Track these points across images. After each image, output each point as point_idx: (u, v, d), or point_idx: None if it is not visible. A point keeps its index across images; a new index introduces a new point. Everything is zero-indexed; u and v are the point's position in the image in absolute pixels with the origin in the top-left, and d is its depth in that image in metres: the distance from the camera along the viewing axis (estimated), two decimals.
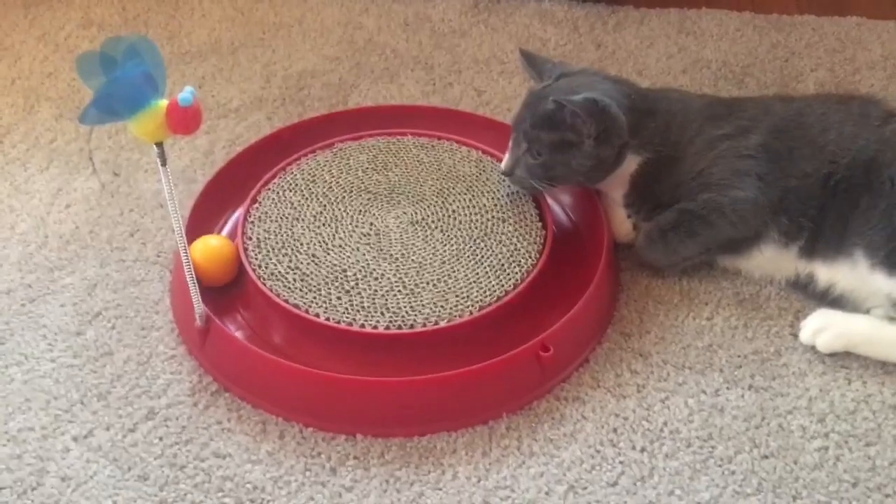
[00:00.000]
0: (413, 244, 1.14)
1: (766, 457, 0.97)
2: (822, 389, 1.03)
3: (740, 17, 1.60)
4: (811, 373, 1.04)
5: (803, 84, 1.45)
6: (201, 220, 1.16)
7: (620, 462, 0.96)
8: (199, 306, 1.02)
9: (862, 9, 1.61)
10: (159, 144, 0.89)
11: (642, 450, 0.97)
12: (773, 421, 1.00)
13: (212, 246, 1.10)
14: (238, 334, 1.06)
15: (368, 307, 1.06)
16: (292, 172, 1.22)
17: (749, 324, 1.10)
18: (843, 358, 1.06)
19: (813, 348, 1.06)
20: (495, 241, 1.13)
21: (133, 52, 0.85)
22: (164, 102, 0.86)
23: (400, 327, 1.04)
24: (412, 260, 1.11)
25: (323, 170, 1.22)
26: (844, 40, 1.54)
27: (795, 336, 1.08)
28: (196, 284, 1.01)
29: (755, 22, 1.59)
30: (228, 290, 1.12)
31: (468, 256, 1.12)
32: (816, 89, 1.44)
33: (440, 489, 0.94)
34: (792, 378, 1.04)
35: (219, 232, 1.19)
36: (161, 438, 0.98)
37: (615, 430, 0.99)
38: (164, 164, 0.91)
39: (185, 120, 0.86)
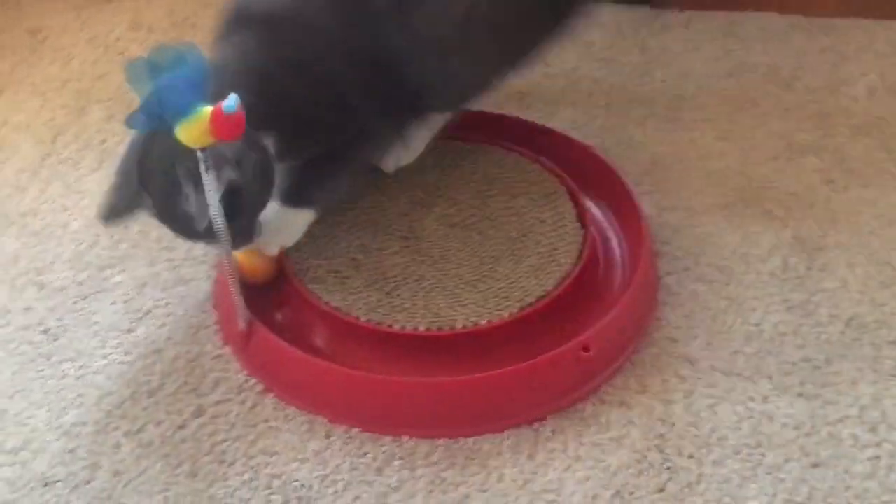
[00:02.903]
0: (452, 246, 1.14)
1: (817, 465, 0.95)
2: (874, 398, 1.01)
3: (787, 21, 1.58)
4: (863, 381, 1.03)
5: (853, 88, 1.43)
6: None
7: (668, 468, 0.96)
8: (242, 310, 1.03)
9: None
10: (203, 150, 0.91)
11: (690, 456, 0.97)
12: (824, 429, 0.98)
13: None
14: (279, 336, 1.06)
15: (409, 308, 1.07)
16: None
17: (798, 331, 1.08)
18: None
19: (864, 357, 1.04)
20: (534, 241, 1.13)
21: (180, 59, 0.86)
22: (208, 109, 0.87)
23: (441, 328, 1.05)
24: (451, 261, 1.12)
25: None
26: None
27: (847, 344, 1.06)
28: (239, 290, 1.02)
29: (803, 25, 1.57)
30: (269, 291, 1.13)
31: (507, 257, 1.12)
32: (867, 95, 1.42)
33: (486, 491, 0.95)
34: (843, 386, 1.03)
35: None
36: (210, 435, 1.00)
37: (662, 436, 0.99)
38: (207, 169, 0.92)
39: (228, 126, 0.88)
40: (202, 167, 0.91)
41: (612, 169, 1.22)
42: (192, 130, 0.88)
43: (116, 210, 1.00)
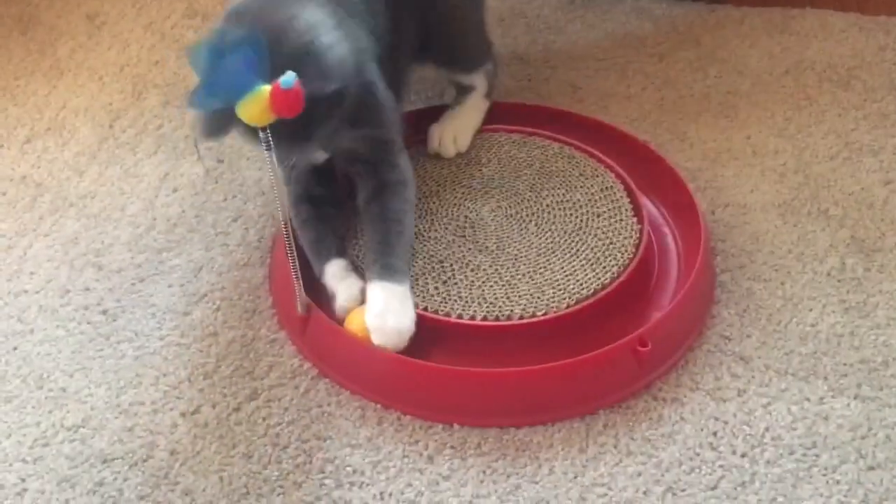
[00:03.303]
0: (508, 237, 1.14)
1: (873, 468, 0.94)
2: None
3: (845, 18, 1.56)
4: None
5: None
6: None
7: (720, 466, 0.95)
8: (301, 295, 1.04)
9: None
10: (264, 129, 0.92)
11: (743, 455, 0.96)
12: (881, 432, 0.97)
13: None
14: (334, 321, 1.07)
15: (465, 297, 1.07)
16: None
17: (856, 332, 1.07)
18: None
19: None
20: (590, 234, 1.13)
21: (239, 41, 0.88)
22: (267, 87, 0.88)
23: (497, 318, 1.05)
24: (508, 252, 1.12)
25: (416, 163, 1.24)
26: None
27: None
28: (299, 274, 1.03)
29: (861, 23, 1.55)
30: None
31: (563, 249, 1.12)
32: None
33: (536, 483, 0.95)
34: None
35: None
36: (264, 419, 1.01)
37: (715, 434, 0.98)
38: (269, 148, 0.93)
39: (287, 102, 0.88)
40: (264, 146, 0.93)
41: (669, 165, 1.22)
42: (253, 108, 0.89)
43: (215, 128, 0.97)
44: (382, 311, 1.02)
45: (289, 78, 0.87)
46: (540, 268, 1.09)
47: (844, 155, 1.30)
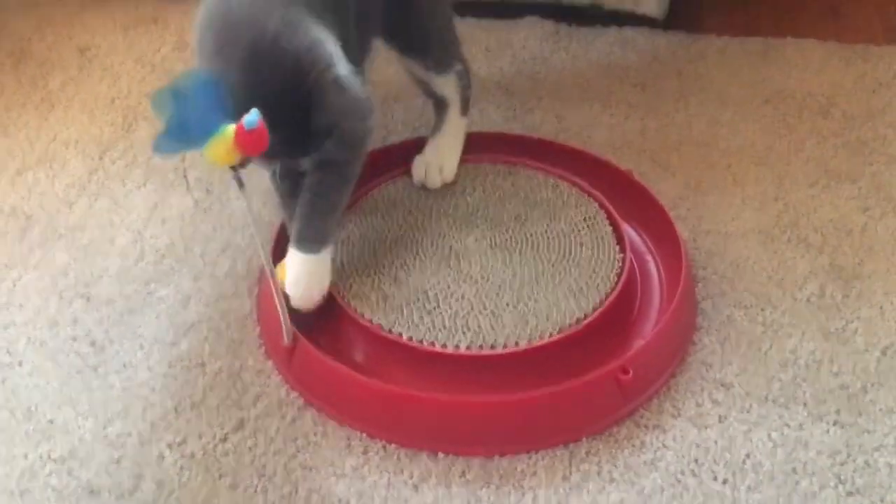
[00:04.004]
0: (492, 266, 1.16)
1: (852, 494, 0.96)
2: None
3: (825, 47, 1.59)
4: None
5: (891, 116, 1.44)
6: (287, 241, 1.20)
7: (703, 493, 0.96)
8: (286, 325, 1.06)
9: None
10: (234, 168, 0.93)
11: (724, 481, 0.97)
12: (860, 458, 0.99)
13: None
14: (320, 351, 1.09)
15: (450, 327, 1.09)
16: (373, 196, 1.25)
17: (835, 358, 1.09)
18: None
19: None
20: (574, 264, 1.15)
21: (200, 83, 0.89)
22: (231, 126, 0.90)
23: (481, 347, 1.06)
24: (492, 282, 1.14)
25: (402, 194, 1.26)
26: None
27: (883, 372, 1.07)
28: (284, 304, 1.04)
29: (840, 52, 1.58)
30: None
31: (547, 279, 1.13)
32: None
33: None
34: (879, 415, 1.03)
35: None
36: (251, 449, 1.02)
37: (696, 461, 0.99)
38: (241, 186, 0.95)
39: (252, 140, 0.90)
40: (236, 185, 0.94)
41: (650, 193, 1.24)
42: (219, 149, 0.90)
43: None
44: (296, 279, 1.08)
45: (252, 116, 0.88)
46: (524, 297, 1.11)
47: (823, 182, 1.33)
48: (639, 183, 1.26)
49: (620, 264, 1.14)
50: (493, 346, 1.06)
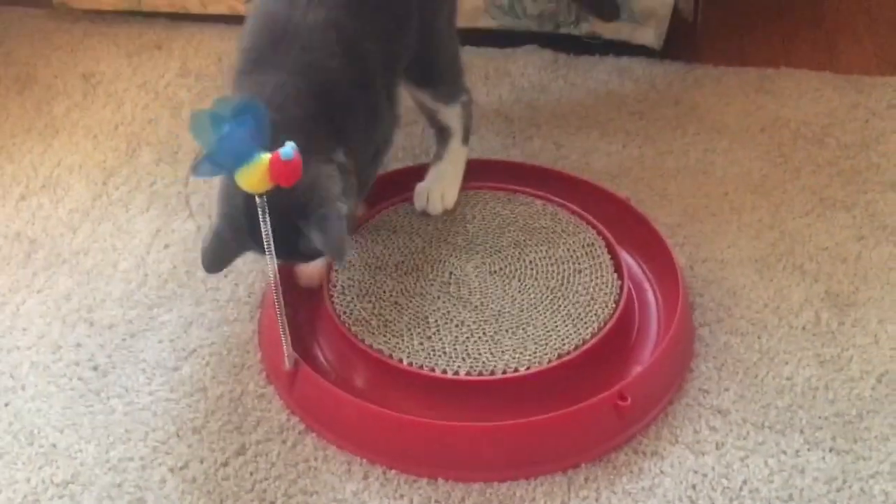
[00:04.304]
0: (492, 293, 1.17)
1: None
2: None
3: (819, 77, 1.61)
4: (894, 437, 1.04)
5: (884, 145, 1.46)
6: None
7: None
8: (289, 351, 1.07)
9: None
10: (261, 195, 0.95)
11: None
12: (856, 485, 0.99)
13: None
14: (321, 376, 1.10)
15: (450, 353, 1.10)
16: (375, 222, 1.27)
17: (830, 385, 1.10)
18: None
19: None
20: (572, 291, 1.16)
21: (240, 110, 0.91)
22: (267, 156, 0.92)
23: (480, 373, 1.08)
24: (491, 308, 1.15)
25: (404, 220, 1.27)
26: None
27: (878, 399, 1.08)
28: (287, 329, 1.05)
29: (835, 82, 1.60)
30: (312, 331, 1.16)
31: (546, 305, 1.15)
32: None
33: None
34: (874, 442, 1.04)
35: None
36: (252, 473, 1.02)
37: (694, 487, 1.00)
38: (264, 212, 0.96)
39: (286, 172, 0.92)
40: (260, 212, 0.96)
41: (648, 221, 1.26)
42: (252, 177, 0.92)
43: (222, 259, 1.08)
44: None
45: (288, 149, 0.90)
46: (523, 323, 1.12)
47: (818, 211, 1.34)
48: (636, 210, 1.28)
49: (618, 291, 1.15)
50: (492, 372, 1.07)
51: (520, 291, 1.16)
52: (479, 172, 1.34)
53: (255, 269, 1.28)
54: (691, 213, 1.35)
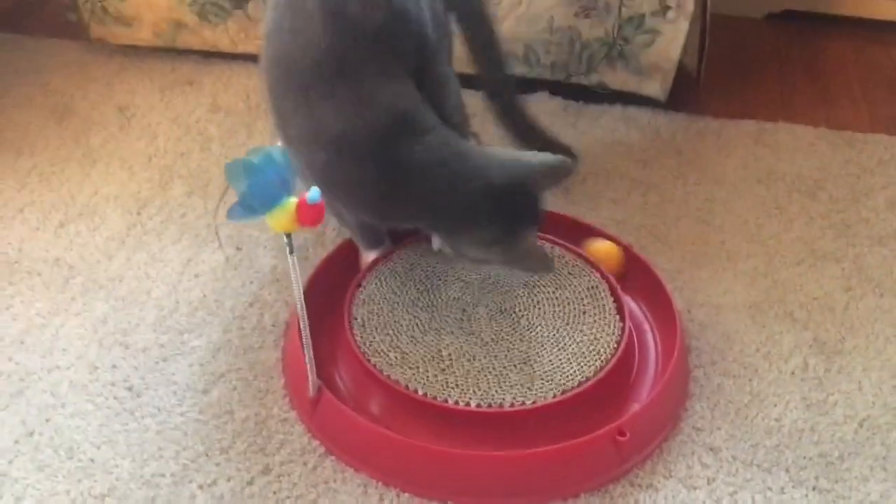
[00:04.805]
0: (501, 330, 1.25)
1: None
2: (882, 495, 1.10)
3: (815, 132, 1.71)
4: (873, 478, 1.12)
5: (874, 201, 1.54)
6: (314, 296, 1.30)
7: None
8: (313, 378, 1.15)
9: None
10: (288, 235, 1.04)
11: None
12: None
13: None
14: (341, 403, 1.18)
15: (462, 385, 1.18)
16: (393, 260, 1.35)
17: (815, 427, 1.17)
18: None
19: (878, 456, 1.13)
20: (577, 330, 1.24)
21: (270, 158, 1.00)
22: (294, 200, 1.00)
23: (490, 405, 1.15)
24: (500, 344, 1.23)
25: (420, 258, 1.36)
26: None
27: (860, 442, 1.15)
28: (312, 359, 1.13)
29: (829, 137, 1.69)
30: (333, 361, 1.24)
31: (552, 344, 1.23)
32: (887, 207, 1.53)
33: None
34: (855, 482, 1.11)
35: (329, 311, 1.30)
36: (275, 493, 1.10)
37: None
38: (291, 252, 1.05)
39: (312, 215, 1.01)
40: (287, 250, 1.04)
41: (649, 267, 1.34)
42: (281, 218, 1.01)
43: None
44: None
45: (314, 194, 0.99)
46: (530, 360, 1.20)
47: (810, 262, 1.43)
48: (640, 258, 1.36)
49: (620, 333, 1.24)
50: (500, 405, 1.15)
51: (528, 329, 1.25)
52: None
53: (280, 300, 1.36)
54: (690, 259, 1.44)
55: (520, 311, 1.28)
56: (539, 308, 1.28)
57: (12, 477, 1.11)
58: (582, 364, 1.20)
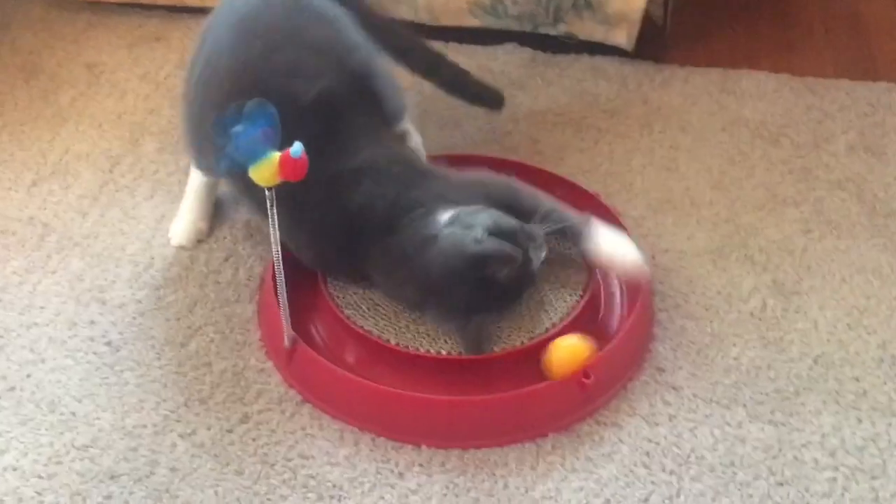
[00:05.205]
0: None
1: (781, 484, 1.10)
2: (834, 427, 1.15)
3: (778, 79, 1.73)
4: (826, 412, 1.17)
5: (834, 145, 1.58)
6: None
7: (651, 482, 1.10)
8: (288, 330, 1.18)
9: (893, 75, 1.73)
10: (270, 188, 1.06)
11: (671, 472, 1.11)
12: (790, 453, 1.13)
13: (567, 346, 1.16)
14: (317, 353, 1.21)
15: (432, 334, 1.21)
16: None
17: (772, 365, 1.23)
18: (856, 399, 1.18)
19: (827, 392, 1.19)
20: (543, 279, 1.28)
21: (254, 112, 1.02)
22: (277, 154, 1.03)
23: (460, 353, 1.19)
24: None
25: None
26: (875, 105, 1.66)
27: (814, 378, 1.21)
28: (288, 312, 1.16)
29: (792, 84, 1.72)
30: (309, 313, 1.27)
31: None
32: (847, 152, 1.56)
33: (493, 496, 1.09)
34: (808, 416, 1.17)
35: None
36: (254, 439, 1.14)
37: (648, 454, 1.13)
38: (272, 205, 1.07)
39: (295, 169, 1.03)
40: (269, 204, 1.07)
41: (615, 215, 1.37)
42: (264, 172, 1.03)
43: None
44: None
45: (297, 148, 1.01)
46: None
47: (770, 206, 1.47)
48: (606, 206, 1.39)
49: (586, 280, 1.27)
50: None
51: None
52: (460, 166, 1.44)
53: (254, 255, 1.38)
54: (655, 206, 1.47)
55: None
56: None
57: None
58: (549, 311, 1.24)
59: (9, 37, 1.82)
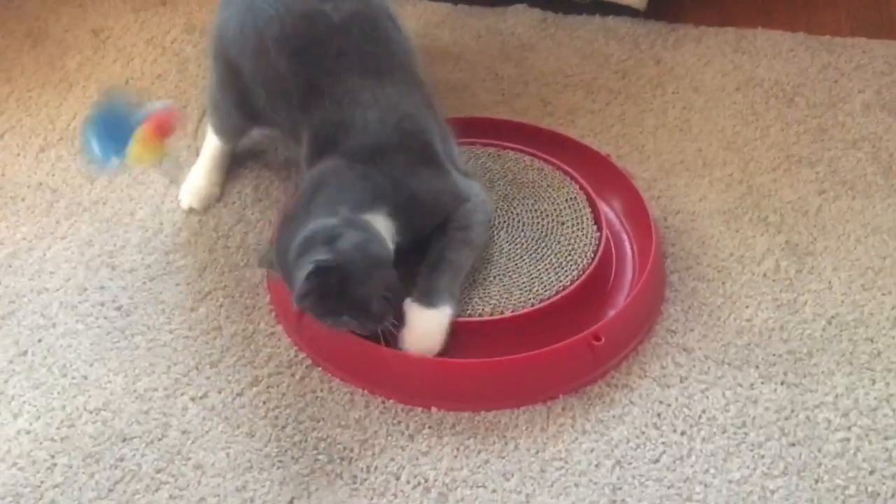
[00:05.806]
0: None
1: (793, 444, 1.09)
2: (847, 388, 1.14)
3: (794, 38, 1.70)
4: (839, 372, 1.16)
5: (850, 105, 1.55)
6: None
7: (663, 443, 1.10)
8: None
9: None
10: (160, 165, 1.06)
11: (682, 433, 1.10)
12: (802, 413, 1.12)
13: None
14: None
15: None
16: None
17: (785, 326, 1.22)
18: (869, 360, 1.17)
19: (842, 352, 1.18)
20: (554, 241, 1.27)
21: (105, 108, 1.04)
22: (143, 127, 1.02)
23: (470, 315, 1.19)
24: (481, 257, 1.25)
25: None
26: (892, 63, 1.63)
27: (827, 339, 1.20)
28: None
29: (808, 43, 1.69)
30: None
31: (530, 255, 1.25)
32: (862, 111, 1.54)
33: (503, 458, 1.09)
34: (821, 377, 1.16)
35: None
36: (265, 402, 1.14)
37: (659, 415, 1.12)
38: (174, 181, 1.07)
39: (168, 122, 1.05)
40: (168, 179, 1.09)
41: (626, 177, 1.36)
42: (140, 149, 1.03)
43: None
44: (412, 330, 1.13)
45: (158, 103, 1.00)
46: (509, 271, 1.23)
47: (785, 167, 1.45)
48: (617, 167, 1.38)
49: (597, 242, 1.26)
50: (480, 315, 1.18)
51: (507, 242, 1.27)
52: (469, 129, 1.43)
53: (263, 219, 1.38)
54: (667, 168, 1.45)
55: (499, 224, 1.30)
56: (518, 220, 1.30)
57: (8, 395, 1.15)
58: (560, 273, 1.23)
59: (14, 3, 1.81)
